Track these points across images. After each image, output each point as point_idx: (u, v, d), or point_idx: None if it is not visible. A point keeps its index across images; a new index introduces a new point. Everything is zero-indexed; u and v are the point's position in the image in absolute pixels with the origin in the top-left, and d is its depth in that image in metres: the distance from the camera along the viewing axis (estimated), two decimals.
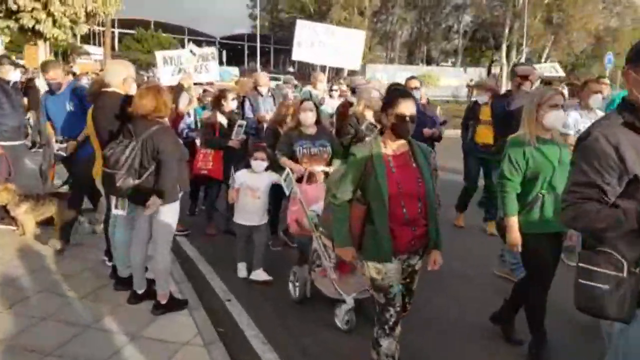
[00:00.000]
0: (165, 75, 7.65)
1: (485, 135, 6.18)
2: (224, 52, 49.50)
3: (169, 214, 3.94)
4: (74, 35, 5.55)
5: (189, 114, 6.39)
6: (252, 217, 4.68)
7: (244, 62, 57.94)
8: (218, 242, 5.97)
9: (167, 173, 3.72)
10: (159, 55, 7.83)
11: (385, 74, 43.01)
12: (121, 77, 4.15)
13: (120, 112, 3.99)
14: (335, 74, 46.65)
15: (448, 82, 36.76)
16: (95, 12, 5.20)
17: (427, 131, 6.34)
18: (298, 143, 4.58)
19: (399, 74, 45.50)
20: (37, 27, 4.93)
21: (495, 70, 51.34)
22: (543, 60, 45.16)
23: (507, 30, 43.54)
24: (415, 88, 6.48)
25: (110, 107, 3.99)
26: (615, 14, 42.95)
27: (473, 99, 6.79)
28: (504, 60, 44.69)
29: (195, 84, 7.60)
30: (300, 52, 7.86)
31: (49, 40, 5.38)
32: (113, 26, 48.43)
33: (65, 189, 5.94)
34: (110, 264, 4.71)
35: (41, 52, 5.49)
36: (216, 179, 5.90)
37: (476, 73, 42.73)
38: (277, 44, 63.28)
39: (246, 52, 59.52)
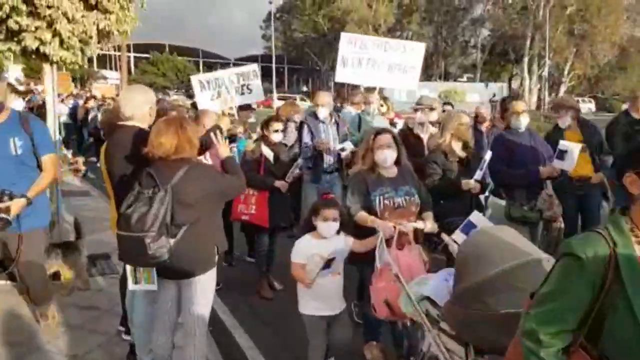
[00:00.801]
0: (204, 100, 6.84)
1: (579, 166, 4.98)
2: None
3: (206, 286, 2.97)
4: (85, 57, 4.77)
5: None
6: (331, 303, 3.24)
7: None
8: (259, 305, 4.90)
9: (206, 229, 2.83)
10: (195, 80, 7.01)
11: (404, 91, 42.25)
12: (145, 109, 3.20)
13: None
14: (352, 88, 45.72)
15: (471, 98, 35.71)
16: (108, 30, 4.38)
17: (547, 170, 4.42)
18: (376, 191, 3.33)
19: (418, 90, 44.69)
20: (42, 48, 4.24)
21: (514, 84, 50.34)
22: (566, 72, 44.13)
23: (528, 43, 42.51)
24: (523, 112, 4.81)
25: (130, 145, 3.03)
26: None
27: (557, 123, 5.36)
28: (526, 74, 43.67)
29: (241, 107, 6.92)
30: (344, 73, 6.33)
31: (55, 64, 4.61)
32: (129, 50, 48.55)
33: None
34: (127, 337, 3.71)
35: (47, 77, 4.68)
36: (261, 227, 4.85)
37: (497, 88, 41.77)
38: (291, 64, 63.19)
39: (260, 73, 59.11)
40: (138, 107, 3.13)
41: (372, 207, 3.29)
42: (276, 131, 4.86)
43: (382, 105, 6.85)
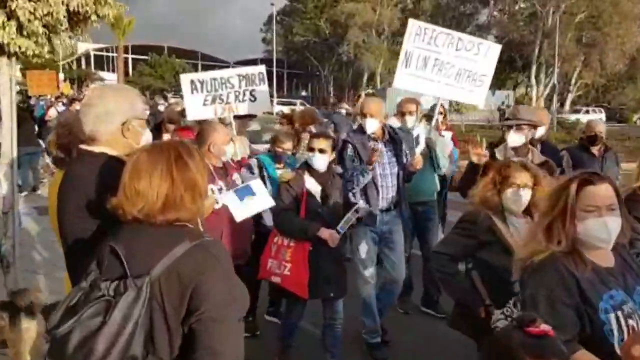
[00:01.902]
0: (193, 106, 5.27)
1: None
2: None
3: None
4: (52, 49, 3.54)
5: (248, 166, 4.24)
6: None
7: None
8: None
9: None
10: (186, 79, 5.36)
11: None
12: (116, 122, 1.91)
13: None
14: (354, 94, 45.21)
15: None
16: (82, 12, 3.26)
17: None
18: (605, 299, 1.76)
19: (424, 98, 43.44)
20: None
21: (519, 92, 49.30)
22: (573, 82, 43.10)
23: (536, 50, 41.47)
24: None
25: (91, 187, 1.79)
26: None
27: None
28: (534, 82, 42.64)
29: (236, 117, 5.26)
30: (405, 77, 4.58)
31: (14, 56, 3.46)
32: (126, 52, 47.46)
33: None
34: None
35: (2, 74, 3.48)
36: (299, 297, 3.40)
37: (504, 96, 40.65)
38: (290, 68, 62.14)
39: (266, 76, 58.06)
40: (104, 119, 1.89)
41: (603, 336, 1.71)
42: (321, 151, 3.44)
43: (442, 115, 5.37)
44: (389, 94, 40.48)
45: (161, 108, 10.10)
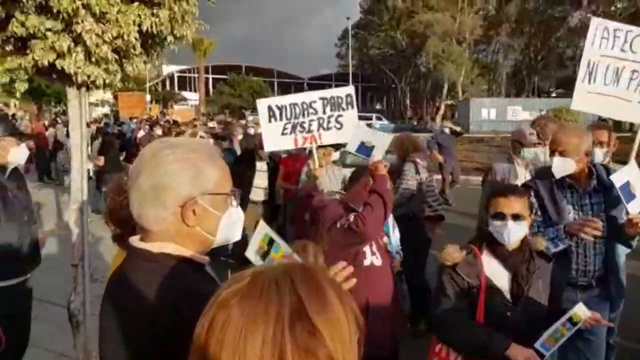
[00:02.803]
0: (271, 135, 4.54)
1: None
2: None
3: None
4: (126, 77, 3.10)
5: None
6: None
7: None
8: None
9: None
10: (263, 105, 4.60)
11: (494, 109, 38.84)
12: (170, 205, 1.18)
13: None
14: (433, 105, 43.15)
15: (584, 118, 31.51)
16: (158, 33, 2.79)
17: None
18: None
19: (510, 108, 41.25)
20: (59, 63, 2.78)
21: None
22: None
23: None
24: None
25: (141, 317, 1.09)
26: None
27: None
28: None
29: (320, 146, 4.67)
30: (586, 96, 3.39)
31: (84, 87, 3.05)
32: (207, 72, 49.16)
33: None
34: None
35: (72, 106, 3.08)
36: None
37: None
38: (365, 82, 61.54)
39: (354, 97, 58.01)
40: (151, 198, 1.19)
41: None
42: (515, 218, 2.24)
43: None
44: (472, 105, 38.90)
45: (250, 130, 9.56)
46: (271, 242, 1.35)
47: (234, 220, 1.22)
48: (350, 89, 4.75)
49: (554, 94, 50.93)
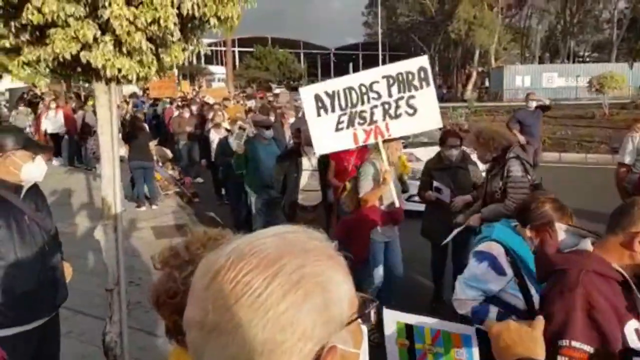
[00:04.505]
0: (323, 134, 3.67)
1: None
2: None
3: None
4: (161, 70, 2.80)
5: None
6: None
7: None
8: None
9: None
10: (308, 94, 3.69)
11: (528, 76, 37.17)
12: None
13: None
14: (469, 70, 41.67)
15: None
16: (200, 16, 2.38)
17: None
18: None
19: (545, 75, 39.41)
20: (83, 55, 2.45)
21: None
22: None
23: None
24: None
25: None
26: None
27: None
28: None
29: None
30: None
31: (114, 81, 2.68)
32: (233, 45, 48.48)
33: None
34: None
35: (101, 103, 2.73)
36: None
37: None
38: (393, 51, 59.92)
39: (361, 61, 56.88)
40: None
41: None
42: None
43: None
44: (506, 73, 37.31)
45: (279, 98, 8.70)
46: (410, 330, 0.93)
47: (365, 348, 0.78)
48: (423, 60, 3.83)
49: (588, 59, 48.73)
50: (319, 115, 3.66)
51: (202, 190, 9.79)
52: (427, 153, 5.57)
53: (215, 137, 8.75)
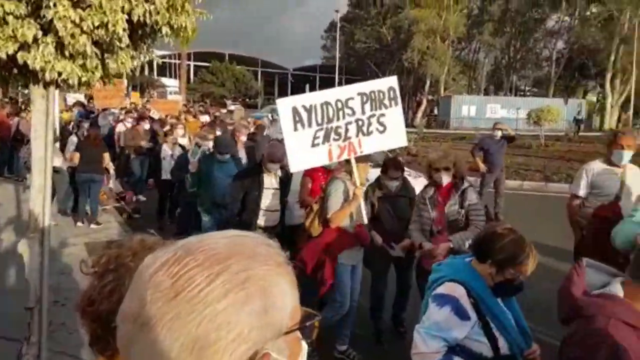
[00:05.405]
0: (298, 148, 3.58)
1: None
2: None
3: None
4: (105, 76, 2.67)
5: None
6: None
7: None
8: None
9: None
10: (285, 106, 3.56)
11: (474, 106, 38.79)
12: None
13: None
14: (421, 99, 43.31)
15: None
16: (152, 23, 2.30)
17: None
18: None
19: (490, 106, 41.29)
20: (20, 57, 2.31)
21: (588, 100, 45.98)
22: None
23: (612, 57, 38.43)
24: None
25: None
26: None
27: None
28: (608, 90, 39.54)
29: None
30: None
31: (53, 86, 2.53)
32: (189, 59, 47.88)
33: None
34: None
35: (38, 108, 2.54)
36: None
37: (577, 104, 37.65)
38: (349, 75, 61.17)
39: (318, 83, 57.69)
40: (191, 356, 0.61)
41: None
42: None
43: None
44: (453, 102, 38.78)
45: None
46: None
47: None
48: (392, 81, 3.87)
49: (528, 93, 51.70)
50: (295, 129, 3.57)
51: (144, 207, 9.27)
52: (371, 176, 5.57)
53: (167, 152, 8.31)
